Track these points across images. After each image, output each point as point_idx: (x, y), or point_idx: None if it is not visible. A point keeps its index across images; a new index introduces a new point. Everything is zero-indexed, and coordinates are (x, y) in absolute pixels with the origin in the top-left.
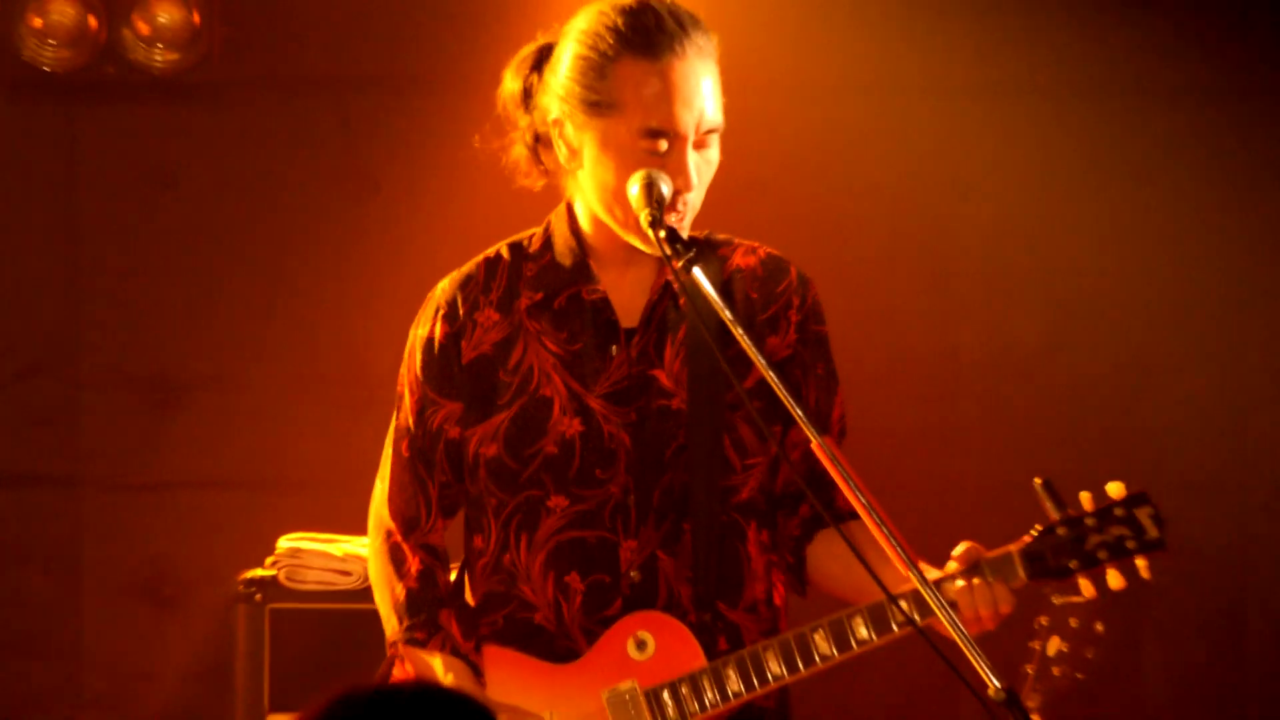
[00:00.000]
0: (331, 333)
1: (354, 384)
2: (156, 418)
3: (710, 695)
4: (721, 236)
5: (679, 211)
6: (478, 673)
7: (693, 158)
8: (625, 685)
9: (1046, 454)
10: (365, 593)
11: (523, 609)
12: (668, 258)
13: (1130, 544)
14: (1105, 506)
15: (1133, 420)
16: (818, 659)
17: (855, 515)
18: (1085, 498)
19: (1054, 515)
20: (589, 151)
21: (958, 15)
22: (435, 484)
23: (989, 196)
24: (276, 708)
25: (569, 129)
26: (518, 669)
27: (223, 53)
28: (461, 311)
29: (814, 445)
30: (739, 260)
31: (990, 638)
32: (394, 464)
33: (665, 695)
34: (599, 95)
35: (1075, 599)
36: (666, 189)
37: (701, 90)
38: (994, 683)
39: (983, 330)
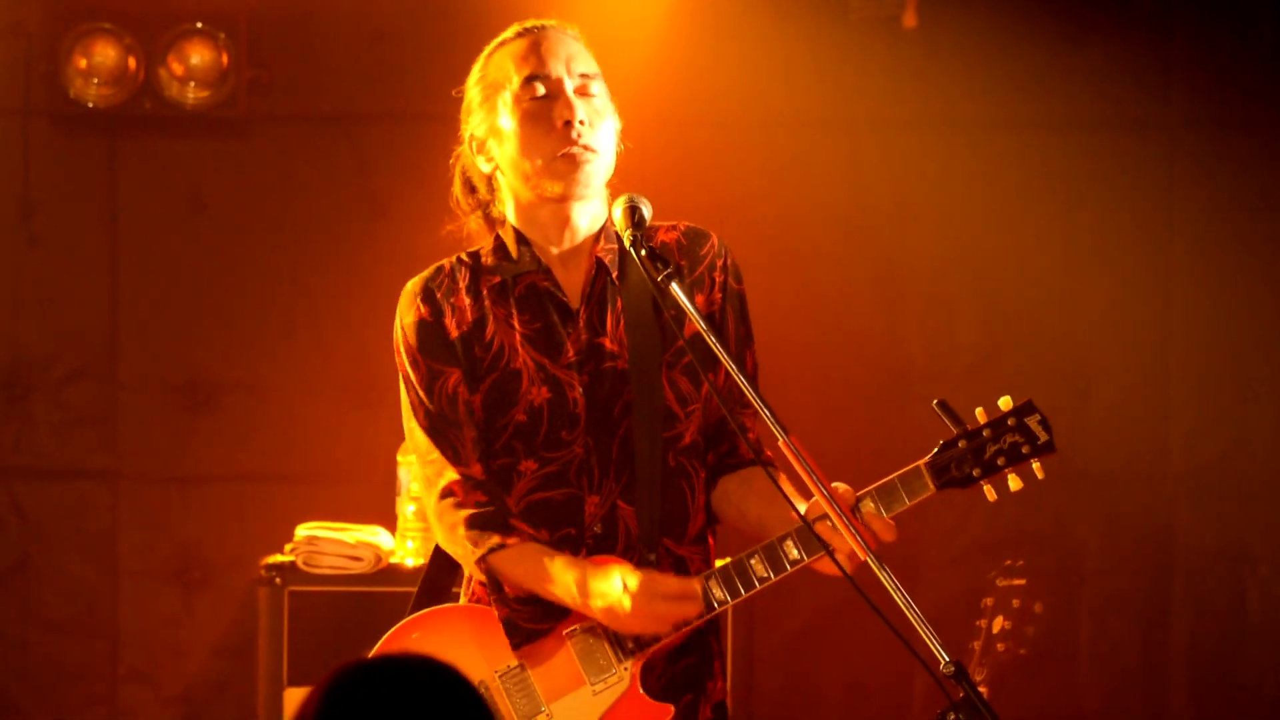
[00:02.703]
0: (344, 341)
1: (364, 388)
2: (188, 418)
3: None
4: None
5: (575, 142)
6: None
7: (577, 100)
8: (588, 623)
9: None
10: (375, 576)
11: None
12: (650, 276)
13: (1025, 449)
14: (998, 418)
15: (1065, 420)
16: (756, 582)
17: (755, 462)
18: (979, 413)
19: (953, 431)
20: (495, 133)
21: (904, 58)
22: (465, 439)
23: (933, 219)
24: (295, 681)
25: (480, 129)
26: (487, 616)
27: (248, 90)
28: (437, 296)
29: (780, 443)
30: (662, 237)
31: (940, 617)
32: (420, 445)
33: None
34: (489, 81)
35: (1017, 581)
36: (647, 211)
37: (566, 46)
38: (944, 658)
39: (929, 339)
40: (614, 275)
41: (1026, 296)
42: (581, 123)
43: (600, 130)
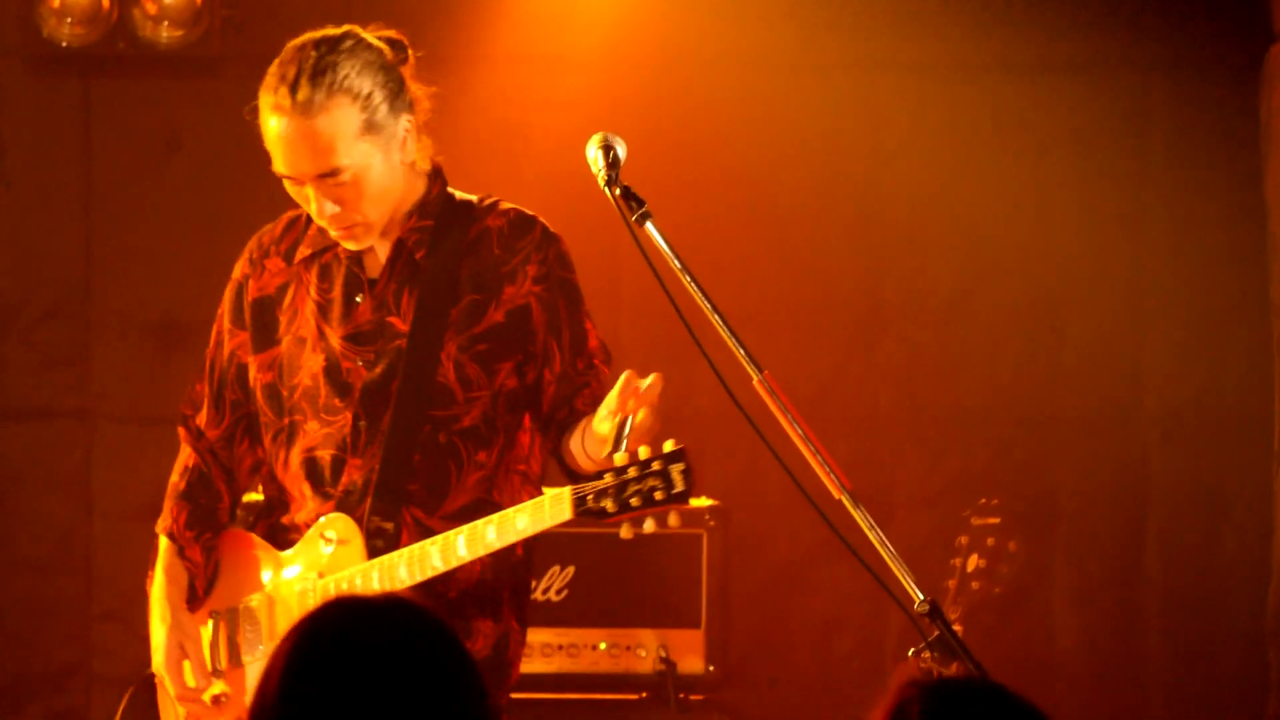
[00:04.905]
0: None
1: None
2: (161, 358)
3: (378, 585)
4: (490, 200)
5: (340, 232)
6: (184, 555)
7: (322, 190)
8: (310, 576)
9: (962, 391)
10: None
11: (284, 513)
12: (624, 214)
13: (659, 495)
14: (644, 460)
15: (1041, 359)
16: (481, 548)
17: (587, 413)
18: (642, 451)
19: (609, 464)
20: None
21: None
22: (228, 401)
23: (908, 160)
24: None
25: None
26: (249, 550)
27: (222, 30)
28: (256, 256)
29: (755, 381)
30: (489, 222)
31: (915, 555)
32: (203, 382)
33: (332, 586)
34: (262, 131)
35: (992, 520)
36: (622, 151)
37: (302, 146)
38: (919, 596)
39: (904, 279)
40: (418, 255)
41: (1001, 238)
42: (331, 215)
43: (357, 201)
